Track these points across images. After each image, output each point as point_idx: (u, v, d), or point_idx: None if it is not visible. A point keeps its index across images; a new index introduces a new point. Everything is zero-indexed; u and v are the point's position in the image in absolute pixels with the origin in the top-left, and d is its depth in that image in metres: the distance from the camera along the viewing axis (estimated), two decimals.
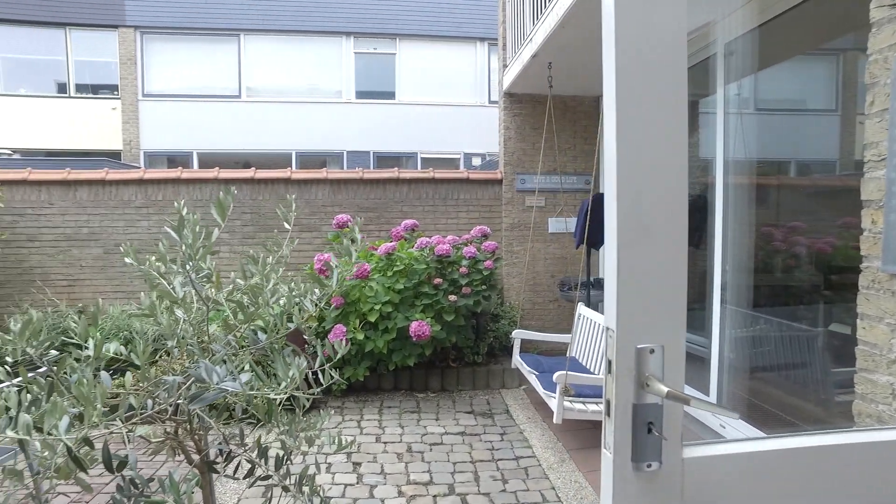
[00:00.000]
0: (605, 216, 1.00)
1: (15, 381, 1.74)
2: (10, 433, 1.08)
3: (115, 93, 13.73)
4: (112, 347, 1.67)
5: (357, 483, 3.70)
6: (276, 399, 1.41)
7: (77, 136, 13.55)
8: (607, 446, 1.00)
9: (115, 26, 13.61)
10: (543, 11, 4.81)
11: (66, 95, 13.78)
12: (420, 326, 4.88)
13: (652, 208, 0.96)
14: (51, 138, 13.48)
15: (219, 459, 1.72)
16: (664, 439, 0.97)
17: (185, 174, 6.38)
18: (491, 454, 4.16)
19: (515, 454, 4.15)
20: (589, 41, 4.65)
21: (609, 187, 0.98)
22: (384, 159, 14.47)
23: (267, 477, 1.65)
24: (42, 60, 13.74)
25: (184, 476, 1.55)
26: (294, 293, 1.55)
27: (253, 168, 6.53)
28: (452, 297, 5.15)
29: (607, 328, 1.00)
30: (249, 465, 1.73)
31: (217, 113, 14.03)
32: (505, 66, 6.58)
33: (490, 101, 14.63)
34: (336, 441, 1.82)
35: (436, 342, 5.23)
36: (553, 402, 4.11)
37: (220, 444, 1.67)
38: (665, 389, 0.93)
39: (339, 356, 1.58)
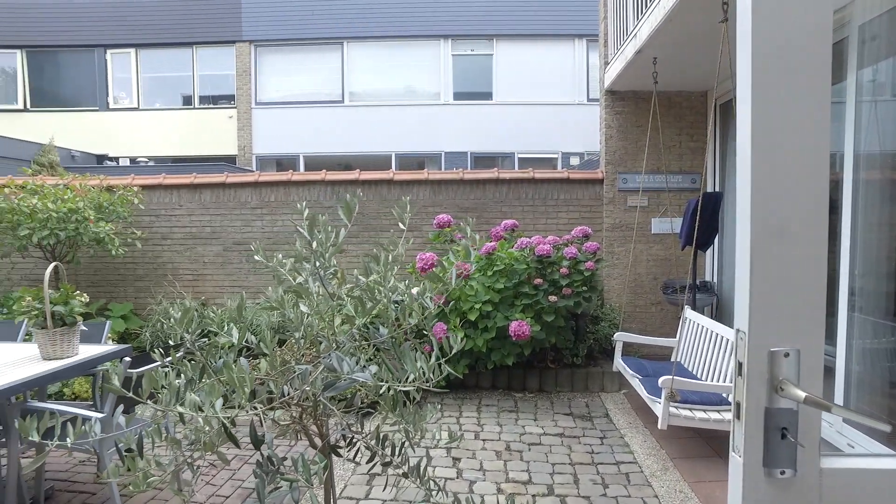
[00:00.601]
0: (737, 215, 0.98)
1: (166, 360, 1.94)
2: (179, 408, 1.23)
3: (232, 102, 14.87)
4: (243, 336, 1.84)
5: (457, 478, 3.78)
6: (402, 391, 1.50)
7: (199, 143, 14.81)
8: (736, 449, 0.98)
9: (233, 42, 14.73)
10: (648, 6, 4.66)
11: (191, 107, 15.11)
12: (520, 326, 4.89)
13: (789, 207, 0.93)
14: (178, 146, 14.84)
15: (341, 444, 1.83)
16: (801, 446, 0.94)
17: (296, 177, 6.78)
18: (591, 457, 4.09)
19: (616, 459, 4.06)
20: (697, 35, 4.46)
21: (742, 185, 0.96)
22: (481, 159, 14.59)
23: (388, 463, 1.75)
24: (172, 77, 15.16)
25: (311, 458, 1.67)
26: (416, 291, 1.63)
27: (357, 170, 6.82)
28: (552, 298, 5.12)
29: (738, 330, 0.98)
30: (369, 452, 1.83)
31: (321, 118, 14.78)
32: (606, 63, 6.43)
33: (589, 100, 14.33)
34: (448, 434, 1.89)
35: (535, 342, 5.22)
36: (657, 408, 3.98)
37: (343, 429, 1.78)
38: (802, 394, 0.90)
39: (453, 352, 1.64)
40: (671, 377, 3.83)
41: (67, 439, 1.45)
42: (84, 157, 13.63)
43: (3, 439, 3.19)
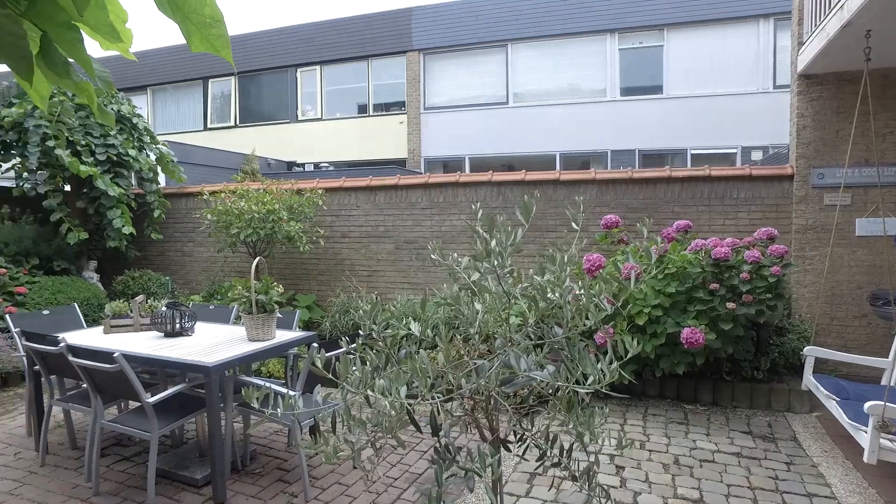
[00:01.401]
0: None
1: (351, 347, 2.12)
2: (369, 392, 1.37)
3: (402, 109, 15.83)
4: (415, 328, 1.96)
5: (620, 486, 3.66)
6: (578, 392, 1.51)
7: (373, 148, 15.99)
8: None
9: (404, 52, 15.66)
10: None
11: (366, 115, 16.37)
12: (692, 333, 4.58)
13: None
14: (354, 151, 16.17)
15: (511, 439, 1.89)
16: None
17: (463, 178, 7.02)
18: (774, 483, 3.71)
19: (807, 490, 3.63)
20: None
21: None
22: (650, 157, 13.87)
23: (557, 464, 1.76)
24: (350, 89, 16.57)
25: (483, 450, 1.74)
26: (591, 291, 1.62)
27: (523, 171, 6.88)
28: (731, 305, 4.72)
29: None
30: (538, 450, 1.86)
31: (486, 120, 15.11)
32: (800, 43, 5.75)
33: (775, 87, 12.91)
34: (617, 441, 1.85)
35: (709, 351, 4.85)
36: (862, 438, 3.48)
37: (514, 425, 1.83)
38: None
39: (628, 356, 1.60)
40: (883, 403, 3.33)
41: (278, 409, 1.67)
42: (277, 164, 15.45)
43: (223, 405, 3.74)
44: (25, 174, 7.45)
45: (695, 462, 4.01)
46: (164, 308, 4.14)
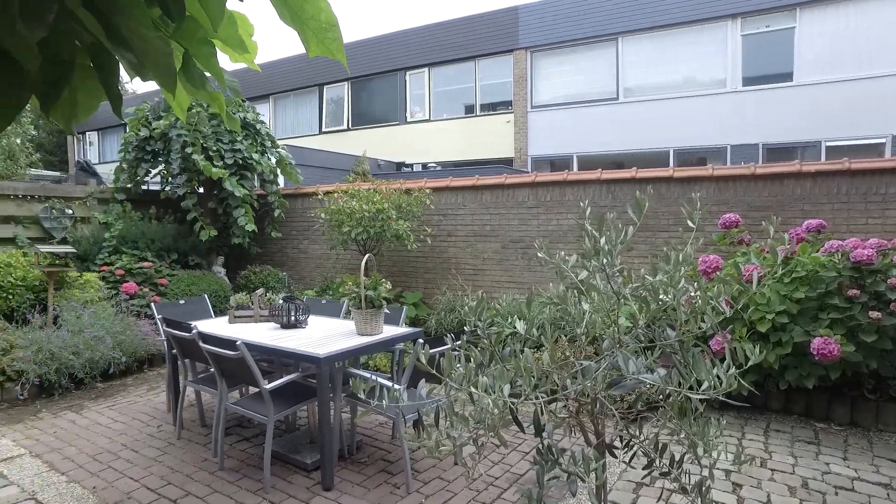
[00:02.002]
0: None
1: (455, 344, 2.13)
2: (472, 389, 1.37)
3: (509, 108, 15.79)
4: (520, 326, 1.93)
5: None
6: (691, 399, 1.41)
7: (479, 148, 16.08)
8: None
9: (511, 50, 15.61)
10: None
11: (473, 115, 16.50)
12: (825, 344, 4.16)
13: None
14: (461, 151, 16.35)
15: (617, 445, 1.81)
16: None
17: (571, 176, 6.87)
18: None
19: None
20: None
21: None
22: (776, 151, 12.79)
23: (666, 474, 1.66)
24: (457, 90, 16.78)
25: (587, 454, 1.68)
26: (708, 293, 1.51)
27: (634, 168, 6.61)
28: (875, 314, 4.22)
29: None
30: (646, 458, 1.77)
31: (595, 117, 14.69)
32: None
33: None
34: (735, 455, 1.71)
35: (846, 365, 4.38)
36: None
37: (620, 431, 1.75)
38: None
39: (748, 364, 1.48)
40: None
41: (383, 402, 1.71)
42: (387, 165, 16.00)
43: (332, 394, 3.92)
44: (169, 178, 8.28)
45: (828, 488, 3.63)
46: (280, 301, 4.42)
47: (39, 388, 5.48)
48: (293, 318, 4.38)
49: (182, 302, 5.34)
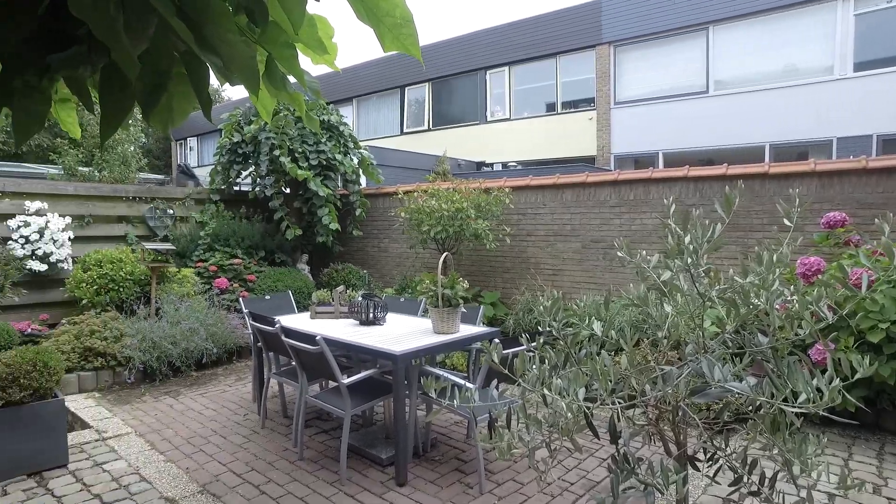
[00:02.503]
0: None
1: (531, 345, 2.08)
2: (545, 391, 1.31)
3: (591, 105, 15.38)
4: (597, 328, 1.85)
5: None
6: (786, 412, 1.29)
7: (560, 146, 15.79)
8: None
9: (594, 46, 15.20)
10: None
11: (554, 113, 16.21)
12: None
13: None
14: (542, 150, 16.11)
15: (700, 457, 1.69)
16: None
17: (656, 174, 6.58)
18: None
19: None
20: None
21: None
22: (893, 143, 11.63)
23: (756, 493, 1.53)
24: (538, 87, 16.54)
25: (667, 465, 1.58)
26: (807, 298, 1.38)
27: (725, 164, 6.23)
28: None
29: None
30: (733, 474, 1.64)
31: (682, 112, 14.02)
32: None
33: None
34: (841, 478, 1.55)
35: None
36: None
37: (704, 442, 1.64)
38: None
39: (855, 377, 1.33)
40: None
41: (455, 401, 1.69)
42: (467, 164, 16.03)
43: (408, 392, 3.96)
44: (258, 179, 8.71)
45: None
46: (360, 298, 4.52)
47: (144, 374, 5.92)
48: (372, 315, 4.47)
49: (268, 297, 5.59)
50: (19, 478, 3.79)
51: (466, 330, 4.24)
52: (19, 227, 6.88)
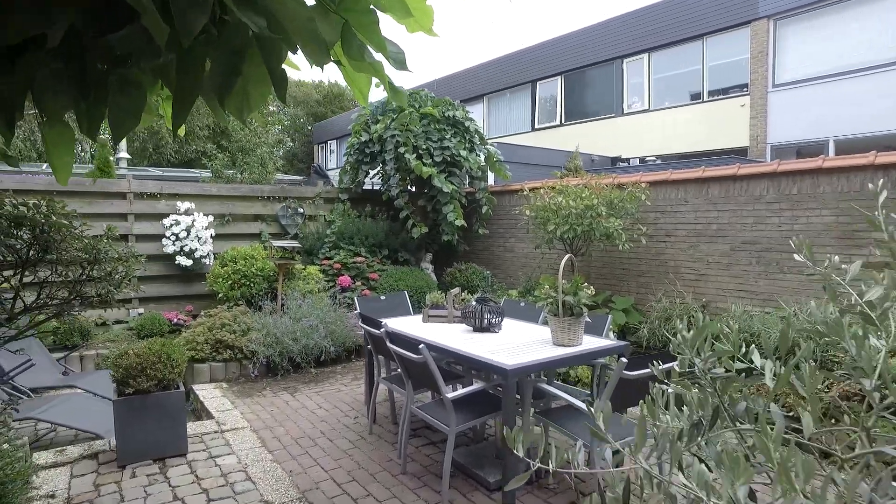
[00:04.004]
0: None
1: (663, 367, 1.57)
2: (683, 479, 0.84)
3: (744, 90, 13.70)
4: (760, 361, 1.29)
5: None
6: None
7: (705, 138, 14.28)
8: None
9: (748, 22, 13.51)
10: None
11: (699, 101, 14.69)
12: None
13: None
14: (684, 142, 14.70)
15: None
16: None
17: (828, 163, 5.50)
18: None
19: None
20: None
21: None
22: None
23: None
24: (680, 74, 15.09)
25: None
26: None
27: None
28: None
29: None
30: None
31: (860, 90, 11.96)
32: None
33: None
34: None
35: None
36: None
37: None
38: None
39: None
40: None
41: (570, 423, 1.26)
42: (601, 160, 15.09)
43: (520, 409, 3.53)
44: (384, 178, 8.73)
45: None
46: (474, 303, 4.15)
47: (267, 368, 6.07)
48: (486, 321, 4.09)
49: (383, 298, 5.43)
50: (146, 462, 3.93)
51: (591, 342, 3.71)
52: (171, 225, 7.43)
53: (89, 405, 4.74)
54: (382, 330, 3.73)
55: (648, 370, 3.05)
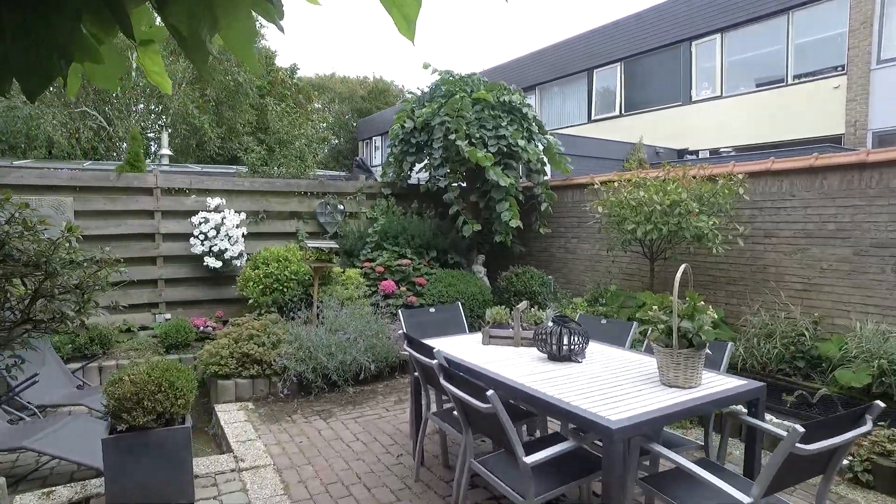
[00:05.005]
0: None
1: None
2: None
3: (839, 69, 12.10)
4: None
5: None
6: None
7: (788, 126, 12.77)
8: None
9: None
10: None
11: (781, 84, 13.15)
12: None
13: None
14: (764, 131, 13.20)
15: None
16: None
17: None
18: None
19: None
20: None
21: None
22: None
23: None
24: (760, 55, 13.54)
25: None
26: None
27: None
28: None
29: None
30: None
31: None
32: None
33: None
34: None
35: None
36: None
37: None
38: None
39: None
40: None
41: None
42: (666, 152, 13.81)
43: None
44: (431, 171, 7.87)
45: None
46: (550, 324, 3.23)
47: (299, 385, 5.32)
48: (566, 348, 3.17)
49: (432, 310, 4.56)
50: None
51: (712, 382, 2.76)
52: (200, 223, 6.78)
53: (97, 430, 4.06)
54: (436, 362, 2.85)
55: (834, 440, 2.07)
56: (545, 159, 7.78)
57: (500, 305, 3.95)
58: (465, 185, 7.96)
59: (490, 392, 2.33)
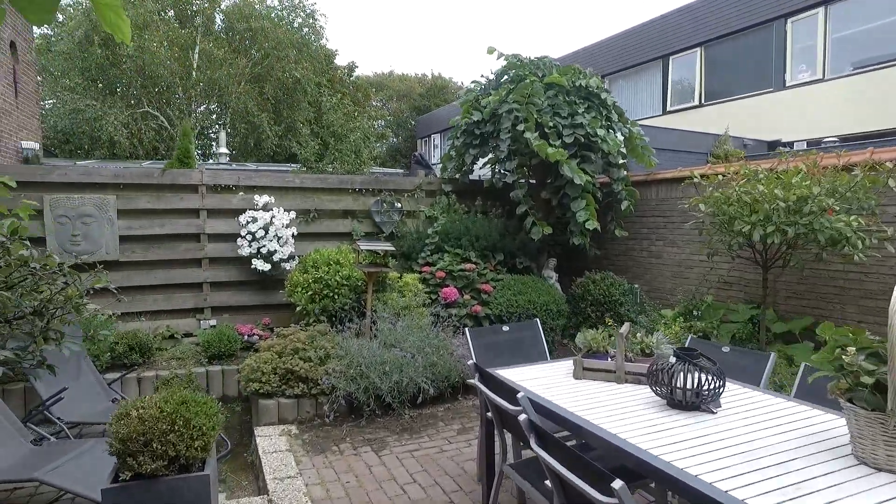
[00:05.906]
0: None
1: None
2: None
3: None
4: None
5: None
6: None
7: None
8: None
9: None
10: None
11: None
12: None
13: None
14: (873, 118, 11.62)
15: None
16: None
17: None
18: None
19: None
20: None
21: None
22: None
23: None
24: (874, 28, 11.82)
25: None
26: None
27: None
28: None
29: None
30: None
31: None
32: None
33: None
34: None
35: None
36: None
37: None
38: None
39: None
40: None
41: None
42: (755, 144, 12.46)
43: None
44: (497, 165, 7.09)
45: None
46: (673, 359, 2.39)
47: (349, 408, 4.67)
48: (696, 393, 2.33)
49: (506, 328, 3.78)
50: None
51: None
52: (247, 222, 6.26)
53: None
54: (525, 418, 2.06)
55: None
56: (625, 151, 6.85)
57: (590, 327, 3.14)
58: (533, 181, 7.13)
59: (617, 483, 1.53)
